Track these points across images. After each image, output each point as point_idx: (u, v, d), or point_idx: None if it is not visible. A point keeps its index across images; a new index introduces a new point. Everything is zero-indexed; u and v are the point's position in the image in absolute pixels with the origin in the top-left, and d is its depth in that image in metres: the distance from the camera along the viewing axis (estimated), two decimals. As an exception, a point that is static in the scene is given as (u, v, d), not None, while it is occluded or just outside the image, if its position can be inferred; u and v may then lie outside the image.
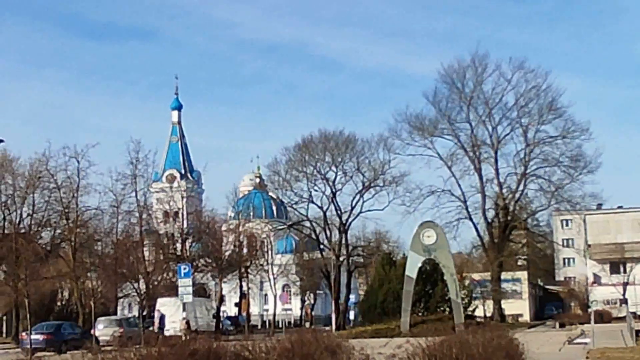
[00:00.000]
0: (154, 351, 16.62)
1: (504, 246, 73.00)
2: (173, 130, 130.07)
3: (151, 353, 16.52)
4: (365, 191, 72.03)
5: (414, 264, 52.09)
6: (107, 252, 67.02)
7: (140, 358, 16.19)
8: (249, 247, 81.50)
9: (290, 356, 20.57)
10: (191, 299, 55.04)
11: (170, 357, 16.50)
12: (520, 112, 71.16)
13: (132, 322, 53.71)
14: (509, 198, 71.43)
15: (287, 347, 21.08)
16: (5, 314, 68.74)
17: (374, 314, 58.83)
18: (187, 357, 16.96)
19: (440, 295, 57.79)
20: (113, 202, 65.52)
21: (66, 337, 46.23)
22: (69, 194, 65.95)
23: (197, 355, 17.49)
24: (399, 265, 60.74)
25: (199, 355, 17.54)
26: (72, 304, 70.08)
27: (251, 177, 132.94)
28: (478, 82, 71.34)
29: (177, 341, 18.04)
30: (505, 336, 18.51)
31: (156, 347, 16.88)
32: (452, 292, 52.14)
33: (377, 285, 61.70)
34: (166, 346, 17.05)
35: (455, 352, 14.40)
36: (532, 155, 71.05)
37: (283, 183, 73.37)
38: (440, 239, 52.46)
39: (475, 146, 70.89)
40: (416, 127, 71.50)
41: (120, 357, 15.93)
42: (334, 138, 72.97)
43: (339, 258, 71.89)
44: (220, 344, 19.18)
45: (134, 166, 66.78)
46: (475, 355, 14.52)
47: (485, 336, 16.48)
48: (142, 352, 16.55)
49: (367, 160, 72.56)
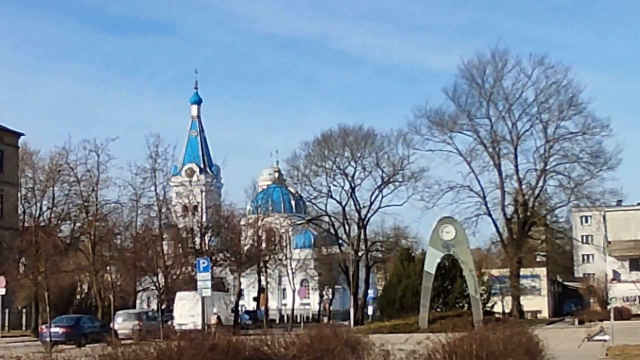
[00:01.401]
0: (174, 345, 16.60)
1: (523, 242, 72.85)
2: (192, 124, 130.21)
3: (171, 347, 16.49)
4: (384, 186, 72.08)
5: (432, 260, 52.01)
6: (126, 246, 67.26)
7: (160, 352, 16.17)
8: (268, 242, 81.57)
9: (309, 351, 20.59)
10: (210, 293, 55.12)
11: (190, 351, 16.46)
12: (540, 108, 71.18)
13: (151, 316, 53.84)
14: (529, 194, 71.28)
15: (306, 342, 21.09)
16: (25, 307, 68.97)
17: (393, 310, 58.80)
18: (206, 352, 16.92)
19: (459, 291, 57.72)
20: (132, 196, 65.98)
21: (85, 331, 46.35)
22: (88, 188, 66.16)
23: (217, 350, 17.45)
24: (418, 260, 60.73)
25: (218, 350, 17.50)
26: (91, 298, 70.29)
27: (270, 172, 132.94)
28: (498, 78, 71.34)
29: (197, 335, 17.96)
30: (525, 333, 18.46)
31: (176, 342, 16.85)
32: (470, 288, 52.04)
33: (395, 280, 61.70)
34: (186, 340, 17.01)
35: (476, 348, 14.35)
36: (552, 152, 71.00)
37: (302, 178, 73.60)
38: (459, 234, 52.34)
39: (495, 142, 70.77)
40: (436, 122, 71.53)
41: (140, 351, 15.90)
42: (354, 133, 73.07)
43: (358, 253, 71.89)
44: (239, 339, 19.17)
45: (154, 160, 67.21)
46: (495, 352, 14.48)
47: (505, 333, 16.43)
48: (162, 346, 16.52)
49: (386, 155, 72.76)
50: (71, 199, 73.17)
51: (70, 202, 73.25)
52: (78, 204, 70.97)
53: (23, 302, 66.78)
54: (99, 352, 15.52)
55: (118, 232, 67.46)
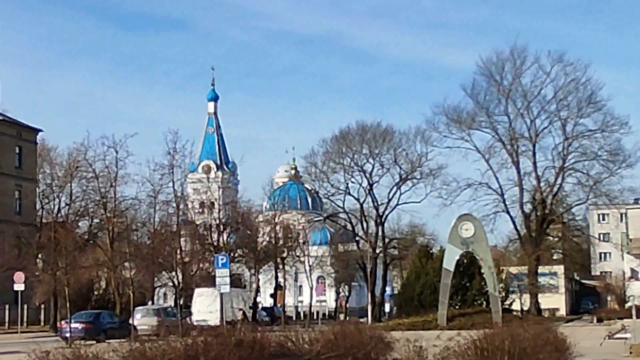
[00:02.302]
0: (200, 341, 16.59)
1: (541, 240, 72.65)
2: (209, 121, 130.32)
3: (197, 343, 16.49)
4: (402, 183, 72.05)
5: (451, 257, 51.75)
6: (143, 242, 67.42)
7: (188, 348, 16.16)
8: (285, 239, 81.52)
9: (334, 348, 20.55)
10: (229, 290, 55.14)
11: (216, 347, 16.45)
12: (559, 105, 71.00)
13: (170, 312, 53.85)
14: (547, 192, 71.08)
15: (330, 339, 21.06)
16: (43, 303, 69.17)
17: (411, 307, 58.66)
18: (232, 348, 16.91)
19: (477, 289, 57.52)
20: (150, 192, 66.09)
21: (105, 326, 46.43)
22: (106, 184, 66.28)
23: (243, 346, 17.44)
24: (436, 258, 60.62)
25: (244, 346, 17.50)
26: (109, 294, 70.45)
27: (286, 169, 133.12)
28: (517, 75, 71.19)
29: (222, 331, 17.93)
30: (552, 330, 18.37)
31: (202, 337, 16.84)
32: (490, 286, 51.80)
33: (414, 277, 61.55)
34: (212, 336, 17.00)
35: (508, 345, 14.28)
36: (571, 149, 70.81)
37: (320, 174, 73.49)
38: (478, 232, 52.11)
39: (513, 139, 70.61)
40: (453, 119, 71.44)
41: (167, 346, 15.89)
42: (372, 130, 73.04)
43: (375, 250, 71.82)
44: (264, 335, 19.15)
45: (172, 156, 67.31)
46: (526, 348, 14.41)
47: (532, 330, 16.37)
48: (188, 342, 16.51)
49: (404, 152, 72.73)
50: (88, 195, 73.41)
51: (88, 198, 73.50)
52: (96, 200, 71.17)
53: (41, 297, 66.90)
54: (126, 347, 15.49)
55: (136, 228, 67.57)
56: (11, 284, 60.57)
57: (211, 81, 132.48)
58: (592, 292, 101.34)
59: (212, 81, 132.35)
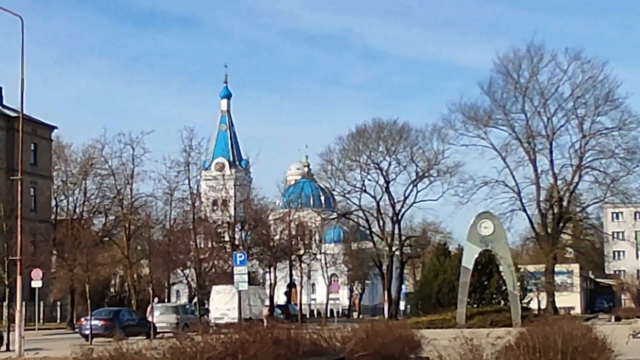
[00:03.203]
0: (237, 338, 16.45)
1: (558, 238, 72.40)
2: (222, 118, 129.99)
3: (234, 339, 16.35)
4: (419, 181, 71.96)
5: (470, 255, 51.54)
6: (159, 239, 67.41)
7: (225, 345, 16.01)
8: (299, 236, 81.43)
9: (366, 346, 20.44)
10: (246, 287, 55.00)
11: (255, 345, 16.31)
12: (576, 102, 70.57)
13: (188, 310, 53.79)
14: (564, 190, 70.80)
15: (361, 337, 20.95)
16: (59, 300, 69.20)
17: (429, 305, 58.39)
18: (271, 346, 16.79)
19: (495, 287, 57.30)
20: (166, 190, 66.00)
21: (124, 323, 46.26)
22: (123, 181, 66.25)
23: (281, 344, 17.33)
24: (454, 256, 60.44)
25: (282, 344, 17.39)
26: (124, 291, 70.43)
27: (298, 167, 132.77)
28: (534, 73, 70.85)
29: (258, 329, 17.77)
30: (589, 328, 18.22)
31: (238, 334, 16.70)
32: (509, 284, 51.62)
33: (431, 275, 61.28)
34: (249, 334, 16.87)
35: (561, 343, 14.07)
36: (588, 147, 70.45)
37: (336, 172, 73.39)
38: (498, 230, 51.91)
39: (530, 137, 70.33)
40: (470, 117, 71.17)
41: (204, 343, 15.76)
42: (388, 127, 72.89)
43: (392, 248, 71.64)
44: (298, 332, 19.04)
45: (187, 153, 67.20)
46: (578, 347, 14.23)
47: (581, 328, 16.27)
48: (225, 340, 16.36)
49: (420, 150, 72.49)
50: (103, 192, 73.42)
51: (103, 196, 73.50)
52: (112, 197, 71.19)
53: (57, 294, 66.95)
54: (166, 344, 15.38)
55: (152, 225, 67.53)
56: (27, 281, 60.48)
57: (224, 79, 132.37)
58: (606, 291, 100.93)
59: (225, 79, 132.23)
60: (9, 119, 76.06)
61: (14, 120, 76.12)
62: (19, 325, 32.31)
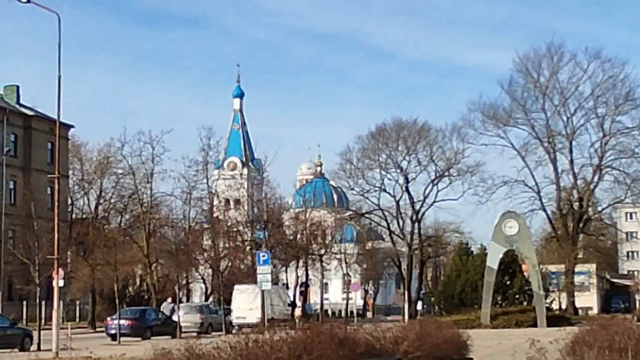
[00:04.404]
0: (299, 336, 16.21)
1: (578, 238, 72.12)
2: (234, 118, 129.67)
3: (298, 338, 16.11)
4: (439, 180, 71.74)
5: (495, 255, 51.30)
6: (177, 239, 67.27)
7: (290, 347, 15.76)
8: (319, 236, 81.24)
9: (420, 347, 20.21)
10: (270, 287, 54.77)
11: (320, 346, 16.07)
12: (597, 102, 70.23)
13: (212, 309, 53.54)
14: (584, 190, 70.49)
15: (413, 338, 20.70)
16: (78, 299, 69.02)
17: (451, 305, 58.15)
18: (334, 347, 16.57)
19: (519, 287, 57.03)
20: (185, 189, 65.90)
21: (150, 323, 46.09)
22: (142, 179, 66.11)
23: (344, 345, 17.11)
24: (476, 255, 60.22)
25: (344, 345, 17.17)
26: (143, 290, 70.23)
27: (309, 166, 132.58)
28: (554, 72, 70.47)
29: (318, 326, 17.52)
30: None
31: (303, 333, 16.47)
32: (534, 284, 51.31)
33: (454, 276, 61.04)
34: (313, 332, 16.63)
35: (632, 344, 13.81)
36: (608, 147, 70.09)
37: (355, 171, 73.19)
38: (523, 229, 51.68)
39: (550, 136, 70.03)
40: (489, 116, 70.94)
41: (269, 343, 15.51)
42: (408, 126, 72.71)
43: (411, 248, 71.41)
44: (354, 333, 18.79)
45: (206, 153, 67.10)
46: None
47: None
48: (289, 340, 16.10)
49: (440, 149, 72.31)
50: (118, 191, 73.28)
51: (118, 194, 73.37)
52: (130, 196, 71.11)
53: (76, 294, 66.76)
54: (231, 340, 15.19)
55: (172, 224, 67.44)
56: (47, 280, 60.22)
57: (237, 78, 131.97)
58: (622, 291, 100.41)
59: (237, 78, 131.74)
60: (25, 117, 75.92)
61: (30, 119, 76.07)
62: (56, 325, 32.11)
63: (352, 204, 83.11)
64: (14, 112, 74.96)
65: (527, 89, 71.13)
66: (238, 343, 15.18)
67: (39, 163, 75.20)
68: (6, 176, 72.53)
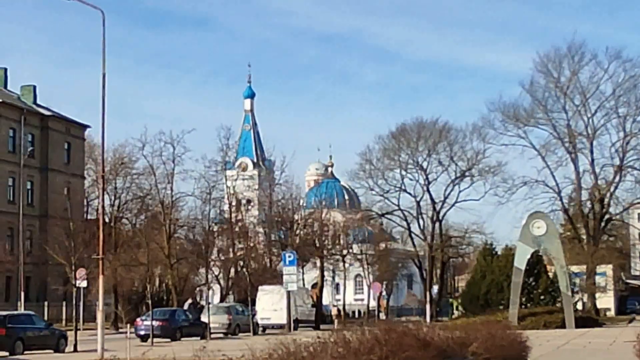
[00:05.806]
0: (376, 336, 15.91)
1: (600, 239, 71.82)
2: (245, 118, 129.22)
3: (376, 337, 15.81)
4: (459, 181, 71.56)
5: (523, 255, 50.95)
6: (196, 239, 67.09)
7: (373, 346, 15.44)
8: (332, 237, 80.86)
9: (489, 349, 20.01)
10: (295, 288, 54.64)
11: (403, 348, 15.78)
12: (618, 102, 70.08)
13: (239, 310, 53.27)
14: (605, 190, 70.20)
15: (481, 340, 20.49)
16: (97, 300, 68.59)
17: (477, 306, 57.75)
18: (418, 349, 16.30)
19: (544, 287, 56.66)
20: (204, 189, 65.67)
21: (180, 324, 45.81)
22: (162, 179, 65.84)
23: (427, 347, 16.85)
24: (502, 256, 59.86)
25: (428, 347, 16.92)
26: (162, 291, 69.86)
27: (317, 167, 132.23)
28: (574, 72, 70.31)
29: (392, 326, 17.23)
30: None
31: (380, 332, 16.17)
32: (562, 285, 50.92)
33: (479, 276, 60.66)
34: (391, 332, 16.32)
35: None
36: (629, 147, 69.96)
37: (375, 171, 72.96)
38: (551, 230, 51.37)
39: (571, 136, 69.78)
40: (509, 116, 70.72)
41: (343, 340, 15.20)
42: (429, 126, 72.49)
43: (432, 248, 71.14)
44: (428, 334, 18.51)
45: (225, 153, 66.89)
46: None
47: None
48: (362, 338, 15.80)
49: (461, 149, 72.12)
50: (134, 192, 72.97)
51: (135, 195, 73.08)
52: (145, 196, 70.83)
53: (95, 295, 66.35)
54: (314, 335, 14.92)
55: (193, 225, 67.25)
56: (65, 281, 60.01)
57: (247, 78, 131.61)
58: (636, 292, 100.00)
59: (248, 78, 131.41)
60: (42, 117, 75.66)
61: (47, 119, 75.82)
62: (101, 326, 31.76)
63: (370, 204, 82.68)
64: (31, 112, 74.68)
65: (548, 88, 71.09)
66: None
67: (56, 163, 75.04)
68: (23, 176, 72.20)
